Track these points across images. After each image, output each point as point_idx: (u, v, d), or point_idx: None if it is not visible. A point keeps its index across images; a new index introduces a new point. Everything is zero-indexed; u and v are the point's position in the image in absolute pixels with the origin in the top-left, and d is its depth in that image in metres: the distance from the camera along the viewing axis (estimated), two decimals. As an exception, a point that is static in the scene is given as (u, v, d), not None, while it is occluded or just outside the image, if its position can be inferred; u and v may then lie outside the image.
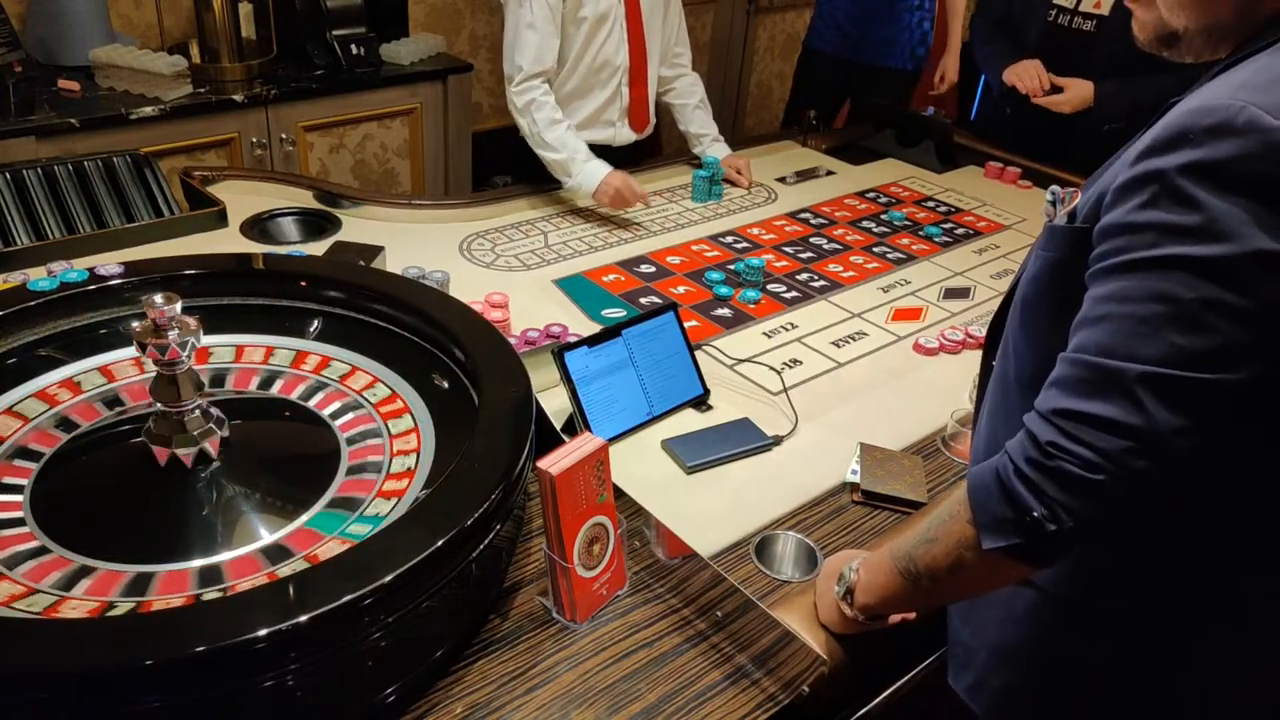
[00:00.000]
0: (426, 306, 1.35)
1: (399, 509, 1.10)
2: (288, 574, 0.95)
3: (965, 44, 3.23)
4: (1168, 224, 0.77)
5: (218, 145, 2.66)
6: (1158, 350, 0.77)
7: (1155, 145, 0.79)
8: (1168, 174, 0.77)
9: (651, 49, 2.38)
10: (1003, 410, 1.01)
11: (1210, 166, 0.75)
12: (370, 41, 2.96)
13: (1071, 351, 0.83)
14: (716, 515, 1.31)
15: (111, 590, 0.98)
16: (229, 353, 1.36)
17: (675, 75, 2.52)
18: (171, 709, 0.82)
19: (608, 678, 1.04)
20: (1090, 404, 0.80)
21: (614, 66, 2.32)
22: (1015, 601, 1.02)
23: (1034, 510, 0.81)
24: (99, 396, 1.27)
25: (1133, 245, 0.79)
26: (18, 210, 1.83)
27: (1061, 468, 0.80)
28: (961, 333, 1.80)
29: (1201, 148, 0.76)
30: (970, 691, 1.07)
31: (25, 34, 2.65)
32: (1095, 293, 0.83)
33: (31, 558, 1.02)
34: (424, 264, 1.80)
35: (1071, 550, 0.86)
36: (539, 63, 2.20)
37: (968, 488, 0.89)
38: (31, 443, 1.17)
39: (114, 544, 1.04)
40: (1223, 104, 0.76)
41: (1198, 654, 0.95)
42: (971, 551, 0.88)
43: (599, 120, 2.39)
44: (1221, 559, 0.92)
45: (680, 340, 1.56)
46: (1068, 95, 2.41)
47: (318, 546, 1.05)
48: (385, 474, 1.16)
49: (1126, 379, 0.78)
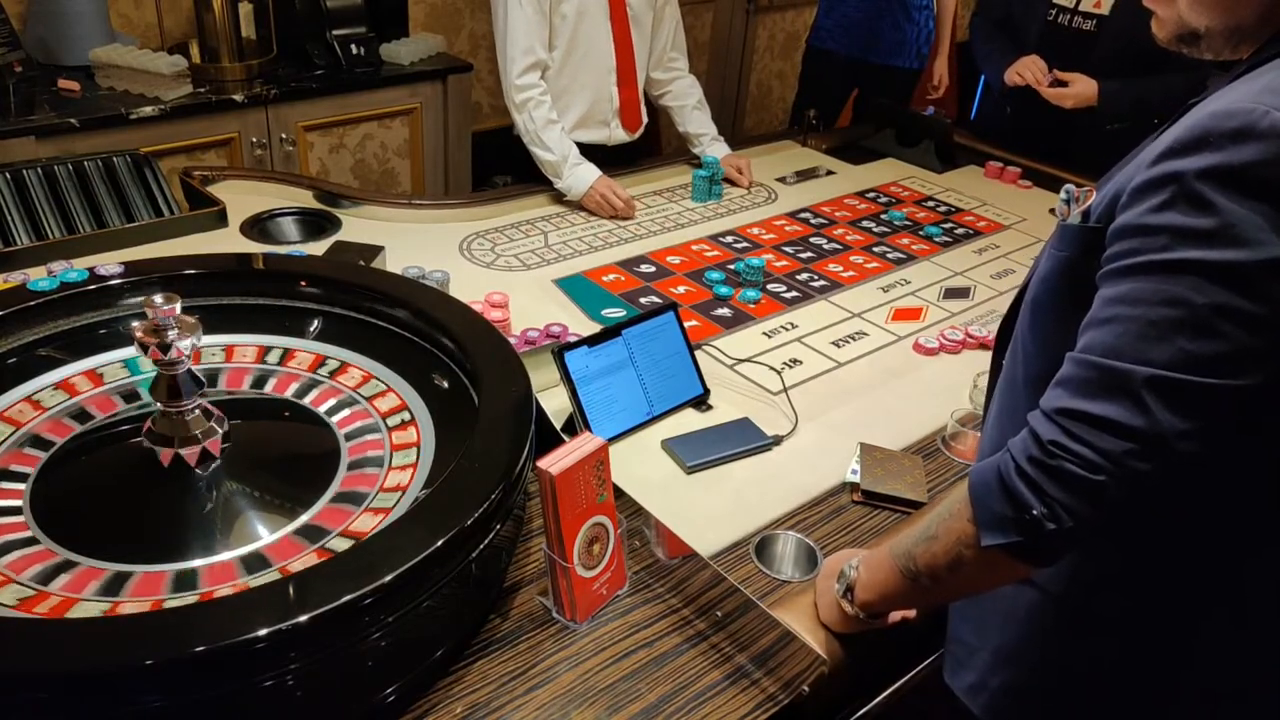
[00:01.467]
0: (426, 306, 1.35)
1: (399, 509, 1.10)
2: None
3: (963, 45, 3.23)
4: (1183, 227, 0.77)
5: (218, 145, 2.66)
6: (1166, 354, 0.77)
7: (1175, 147, 0.79)
8: (1186, 177, 0.77)
9: (640, 49, 2.37)
10: (1010, 410, 1.01)
11: (1230, 171, 0.75)
12: (370, 41, 2.96)
13: (1079, 352, 0.83)
14: (716, 515, 1.31)
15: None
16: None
17: (671, 79, 2.52)
18: (171, 709, 0.82)
19: (608, 678, 1.04)
20: (1095, 404, 0.79)
21: (602, 66, 2.32)
22: (1017, 601, 1.02)
23: (1034, 508, 0.81)
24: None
25: (1146, 247, 0.79)
26: (18, 210, 1.83)
27: (1063, 467, 0.80)
28: (961, 332, 1.80)
29: (1222, 151, 0.75)
30: (970, 691, 1.07)
31: (25, 34, 2.65)
32: (1106, 294, 0.82)
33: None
34: (424, 264, 1.80)
35: (1071, 550, 0.86)
36: (530, 52, 2.21)
37: (969, 485, 0.89)
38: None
39: (113, 542, 1.04)
40: (1246, 108, 0.76)
41: (1200, 654, 0.95)
42: (971, 549, 0.88)
43: (593, 120, 2.39)
44: (1221, 555, 0.92)
45: (680, 340, 1.56)
46: (1072, 90, 2.40)
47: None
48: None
49: (1133, 381, 0.78)
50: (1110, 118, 2.40)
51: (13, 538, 1.04)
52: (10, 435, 1.17)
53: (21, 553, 1.02)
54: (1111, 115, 2.40)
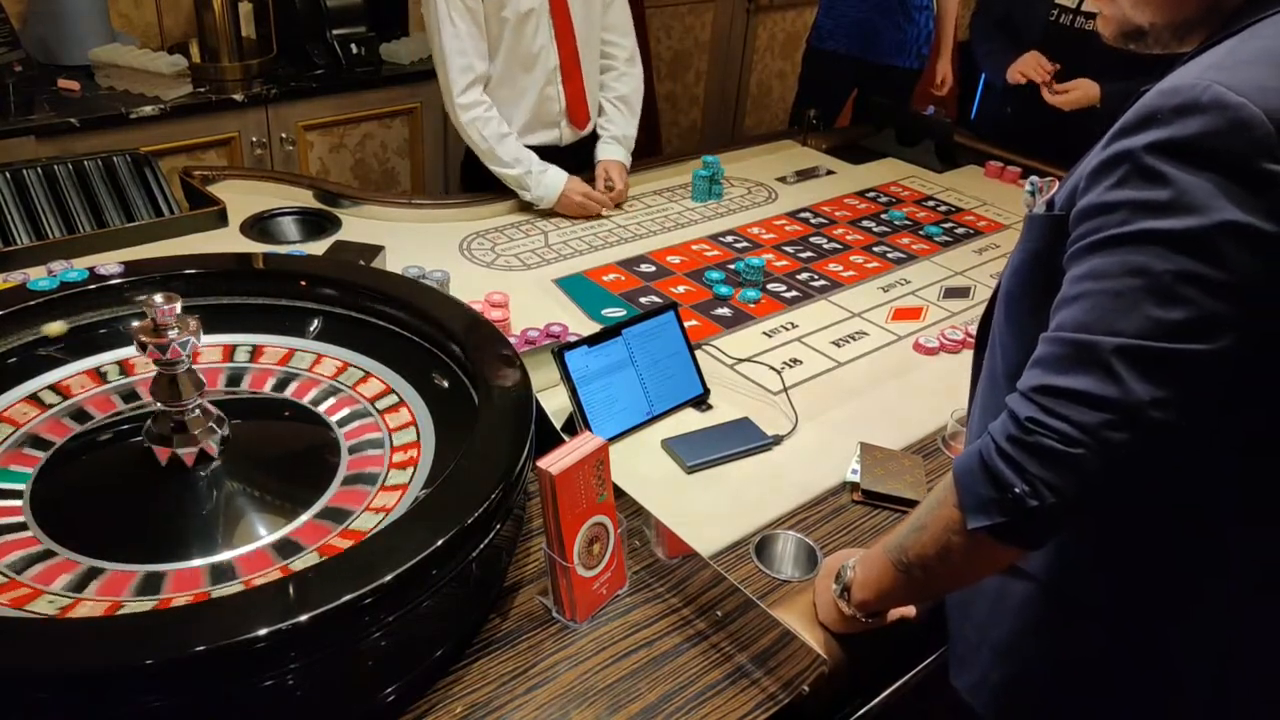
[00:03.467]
0: (426, 306, 1.35)
1: (399, 508, 1.10)
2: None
3: (963, 44, 3.23)
4: (1139, 201, 0.79)
5: (218, 145, 2.66)
6: (1134, 323, 0.78)
7: (1125, 127, 0.82)
8: (1136, 153, 0.80)
9: (584, 44, 2.27)
10: (991, 404, 1.01)
11: (1177, 143, 0.77)
12: (370, 41, 2.96)
13: (1051, 330, 0.84)
14: (716, 515, 1.31)
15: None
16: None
17: (605, 69, 2.39)
18: (171, 709, 0.82)
19: (608, 677, 1.04)
20: (1067, 379, 0.81)
21: (544, 66, 2.22)
22: (1010, 593, 1.02)
23: (1015, 487, 0.82)
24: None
25: (1106, 224, 0.81)
26: (18, 210, 1.83)
27: (1040, 443, 0.81)
28: (961, 332, 1.80)
29: (1169, 126, 0.78)
30: (972, 690, 1.07)
31: (25, 33, 2.65)
32: (1073, 273, 0.84)
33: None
34: (424, 263, 1.80)
35: (1057, 531, 0.86)
36: (469, 70, 2.12)
37: (953, 471, 0.90)
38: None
39: (121, 543, 1.04)
40: (1189, 83, 0.78)
41: (1184, 638, 0.95)
42: (958, 535, 0.89)
43: (540, 124, 2.29)
44: (1202, 537, 0.93)
45: (680, 340, 1.56)
46: (1073, 95, 2.41)
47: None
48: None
49: (1103, 352, 0.79)
50: (1110, 118, 2.40)
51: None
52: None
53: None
54: (1111, 115, 2.39)
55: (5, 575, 0.99)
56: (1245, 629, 0.95)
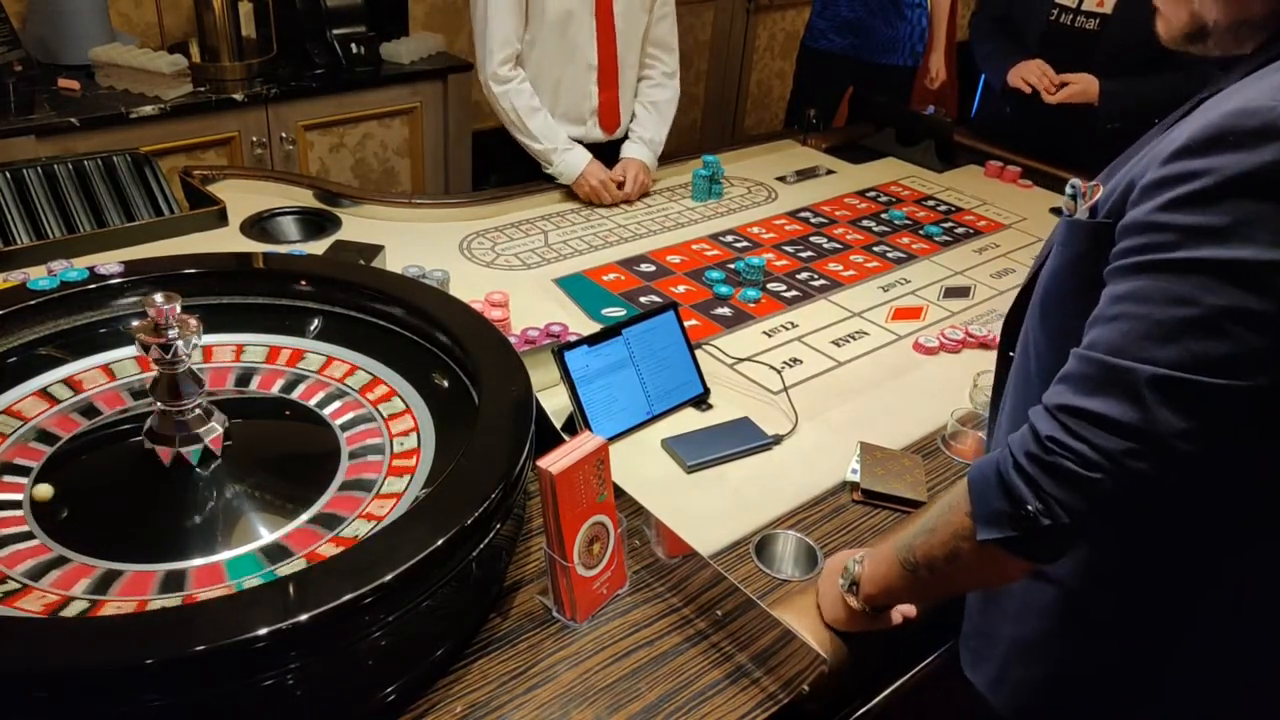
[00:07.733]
0: (426, 306, 1.35)
1: (399, 508, 1.10)
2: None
3: (962, 42, 3.22)
4: (1193, 226, 0.76)
5: (218, 144, 2.66)
6: (1172, 354, 0.76)
7: (1191, 145, 0.77)
8: (1201, 175, 0.76)
9: (627, 52, 2.33)
10: (1023, 407, 1.00)
11: (1248, 171, 0.74)
12: (370, 40, 2.96)
13: (1083, 348, 0.83)
14: (716, 514, 1.31)
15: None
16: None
17: (644, 75, 2.44)
18: (171, 709, 0.82)
19: (608, 677, 1.04)
20: (1095, 401, 0.79)
21: (581, 62, 2.28)
22: (1033, 594, 1.01)
23: (1029, 504, 0.81)
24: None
25: (1155, 245, 0.78)
26: (18, 209, 1.83)
27: (1059, 464, 0.80)
28: (961, 332, 1.80)
29: (1241, 150, 0.74)
30: (991, 685, 1.07)
31: (25, 33, 2.64)
32: (1113, 290, 0.82)
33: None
34: (424, 263, 1.80)
35: (1070, 548, 0.86)
36: (509, 43, 2.20)
37: (968, 478, 0.89)
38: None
39: (121, 543, 1.04)
40: (1266, 105, 0.75)
41: (1192, 657, 0.95)
42: (968, 543, 0.88)
43: (568, 117, 2.35)
44: (1215, 555, 0.92)
45: (680, 339, 1.56)
46: (1071, 89, 2.40)
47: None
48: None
49: (1134, 379, 0.77)
50: (1108, 117, 2.40)
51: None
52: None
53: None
54: (1110, 114, 2.40)
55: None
56: (1249, 641, 0.95)
